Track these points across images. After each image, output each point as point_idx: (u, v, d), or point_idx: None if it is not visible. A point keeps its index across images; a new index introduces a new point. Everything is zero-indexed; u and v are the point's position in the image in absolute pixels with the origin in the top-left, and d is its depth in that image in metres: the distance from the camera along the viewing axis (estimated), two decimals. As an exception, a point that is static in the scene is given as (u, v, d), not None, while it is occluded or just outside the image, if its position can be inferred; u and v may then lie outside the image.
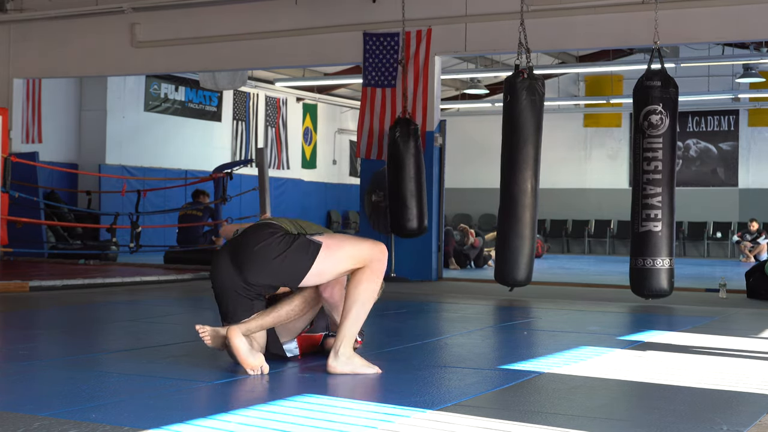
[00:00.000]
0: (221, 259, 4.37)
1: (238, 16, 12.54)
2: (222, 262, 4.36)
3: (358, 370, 4.20)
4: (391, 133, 10.74)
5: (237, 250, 4.33)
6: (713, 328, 6.60)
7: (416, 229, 10.68)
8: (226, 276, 4.32)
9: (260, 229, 4.33)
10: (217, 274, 4.36)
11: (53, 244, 13.76)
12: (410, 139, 10.61)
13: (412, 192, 10.59)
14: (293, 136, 21.78)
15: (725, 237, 21.65)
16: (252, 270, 4.25)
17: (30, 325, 6.56)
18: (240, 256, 4.29)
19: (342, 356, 4.16)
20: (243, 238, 4.36)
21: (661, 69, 8.57)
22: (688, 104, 20.93)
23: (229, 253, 4.35)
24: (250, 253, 4.25)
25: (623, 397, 4.10)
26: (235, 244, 4.37)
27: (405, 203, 10.59)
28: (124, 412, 3.43)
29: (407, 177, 10.59)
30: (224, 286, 4.35)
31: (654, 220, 8.43)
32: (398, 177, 10.62)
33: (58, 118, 16.45)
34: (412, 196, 10.58)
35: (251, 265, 4.25)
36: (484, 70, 19.23)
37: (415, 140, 10.63)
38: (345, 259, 4.18)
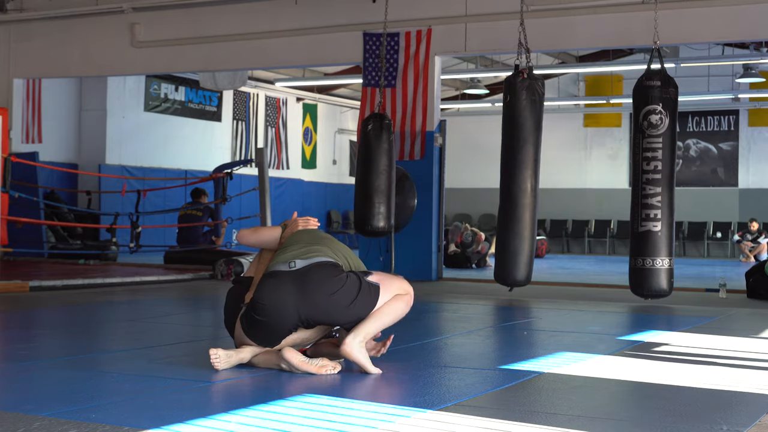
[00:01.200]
0: (285, 293, 4.33)
1: (238, 16, 12.54)
2: (286, 297, 4.33)
3: (364, 361, 4.31)
4: (363, 127, 10.37)
5: (306, 290, 4.34)
6: (713, 328, 6.60)
7: (383, 228, 10.09)
8: (284, 311, 4.32)
9: (327, 270, 4.40)
10: (276, 307, 4.32)
11: (53, 244, 13.76)
12: (382, 133, 10.07)
13: (381, 189, 10.03)
14: (293, 136, 21.78)
15: (725, 237, 21.64)
16: (319, 313, 4.35)
17: (30, 325, 6.56)
18: (310, 298, 4.32)
19: (357, 342, 4.30)
20: (311, 278, 4.35)
21: (661, 69, 8.57)
22: (688, 104, 20.92)
23: (296, 290, 4.33)
24: (322, 296, 4.33)
25: (623, 397, 4.10)
26: (302, 282, 4.35)
27: (372, 200, 10.01)
28: (124, 412, 3.43)
29: (377, 173, 10.03)
30: (279, 319, 4.34)
31: (654, 220, 8.43)
32: (367, 172, 10.07)
33: (58, 118, 16.45)
34: (380, 193, 10.01)
35: (320, 309, 4.34)
36: (484, 70, 19.22)
37: (387, 135, 10.10)
38: (389, 310, 4.45)
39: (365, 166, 10.14)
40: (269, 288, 4.35)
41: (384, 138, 10.08)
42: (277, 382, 4.10)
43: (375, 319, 4.39)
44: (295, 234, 4.71)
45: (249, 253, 11.99)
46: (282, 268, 4.41)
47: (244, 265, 10.76)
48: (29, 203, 12.80)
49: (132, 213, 13.33)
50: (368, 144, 10.12)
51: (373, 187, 10.03)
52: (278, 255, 4.55)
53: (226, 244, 14.00)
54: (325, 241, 4.63)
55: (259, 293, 4.36)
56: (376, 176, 10.04)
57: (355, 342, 4.30)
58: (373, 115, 10.25)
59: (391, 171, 10.17)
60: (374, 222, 10.06)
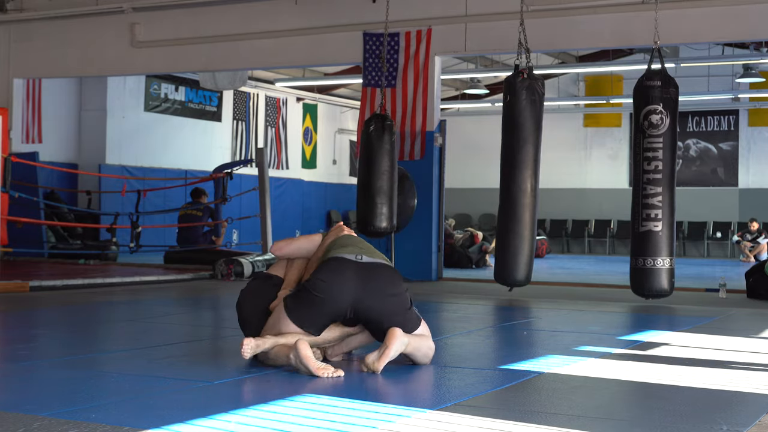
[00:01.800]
0: (348, 279, 4.44)
1: (238, 16, 12.54)
2: (349, 283, 4.43)
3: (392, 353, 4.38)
4: (364, 128, 10.41)
5: (370, 283, 4.45)
6: (713, 328, 6.60)
7: (386, 228, 10.16)
8: (342, 294, 4.41)
9: (393, 274, 4.57)
10: (337, 288, 4.41)
11: (53, 244, 13.76)
12: (384, 134, 10.10)
13: (383, 189, 10.09)
14: (293, 136, 21.78)
15: (725, 237, 21.64)
16: (373, 309, 4.44)
17: (30, 325, 6.56)
18: (371, 291, 4.44)
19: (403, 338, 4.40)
20: (378, 274, 4.49)
21: (661, 69, 8.57)
22: (688, 104, 20.92)
23: (359, 280, 4.44)
24: (383, 294, 4.47)
25: (623, 397, 4.10)
26: (368, 275, 4.46)
27: (374, 200, 10.08)
28: (124, 412, 3.43)
29: (379, 173, 10.08)
30: (334, 301, 4.41)
31: (654, 219, 8.43)
32: (369, 173, 10.12)
33: (58, 118, 16.45)
34: (383, 194, 10.07)
35: (376, 305, 4.44)
36: (484, 70, 19.23)
37: (389, 136, 10.13)
38: (424, 341, 4.57)
39: (367, 167, 10.15)
40: (335, 269, 4.45)
41: (386, 139, 10.10)
42: (277, 382, 4.10)
43: (418, 339, 4.51)
44: (345, 237, 4.78)
45: (249, 253, 11.99)
46: (349, 257, 4.51)
47: (244, 265, 10.75)
48: (29, 203, 12.80)
49: (132, 213, 13.33)
50: (370, 145, 10.13)
51: (375, 188, 10.05)
52: (335, 249, 4.61)
53: (226, 244, 14.01)
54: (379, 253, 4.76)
55: (324, 273, 4.44)
56: (378, 177, 10.07)
57: (403, 337, 4.39)
58: (374, 116, 10.26)
59: (393, 171, 10.20)
60: (377, 222, 10.10)
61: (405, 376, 4.35)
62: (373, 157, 10.09)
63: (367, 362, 4.33)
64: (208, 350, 5.28)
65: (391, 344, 4.34)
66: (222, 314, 7.87)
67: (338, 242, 4.71)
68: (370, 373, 4.32)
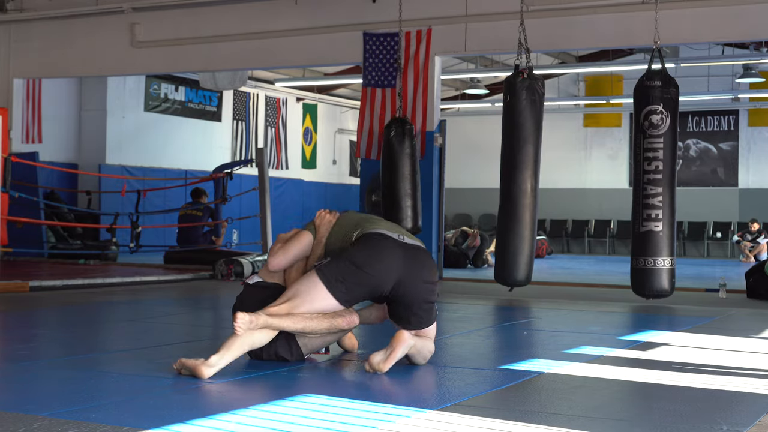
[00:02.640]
0: (396, 259, 4.42)
1: (238, 16, 12.54)
2: (396, 263, 4.41)
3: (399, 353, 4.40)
4: (385, 132, 10.64)
5: (414, 266, 4.45)
6: (713, 328, 6.60)
7: (411, 228, 10.60)
8: (388, 281, 4.40)
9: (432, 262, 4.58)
10: (387, 275, 4.39)
11: (53, 244, 13.76)
12: (405, 138, 10.52)
13: (407, 192, 10.51)
14: (293, 136, 21.78)
15: (725, 237, 21.64)
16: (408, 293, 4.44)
17: (30, 325, 6.56)
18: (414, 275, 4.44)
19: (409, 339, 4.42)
20: (423, 259, 4.50)
21: (661, 69, 8.57)
22: (688, 104, 20.91)
23: (404, 261, 4.43)
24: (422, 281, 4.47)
25: (623, 397, 4.10)
26: (413, 258, 4.46)
27: (399, 203, 10.52)
28: (124, 412, 3.43)
29: (402, 177, 10.52)
30: (381, 285, 4.40)
31: (655, 220, 8.43)
32: (393, 177, 10.55)
33: (58, 118, 16.44)
34: (407, 196, 10.50)
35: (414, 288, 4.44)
36: (484, 70, 19.22)
37: (410, 140, 10.56)
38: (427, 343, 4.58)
39: (390, 172, 10.53)
40: (385, 248, 4.41)
41: (407, 143, 10.51)
42: (277, 382, 4.10)
43: (422, 341, 4.52)
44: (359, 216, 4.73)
45: (249, 253, 11.99)
46: (392, 235, 4.49)
47: (244, 265, 10.75)
48: (29, 203, 12.80)
49: (132, 213, 13.33)
50: (392, 149, 10.50)
51: (400, 192, 10.47)
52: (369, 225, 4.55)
53: (226, 244, 14.00)
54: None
55: (373, 249, 4.40)
56: (401, 180, 10.47)
57: (410, 339, 4.40)
58: (394, 120, 10.59)
59: (416, 174, 10.60)
60: (402, 224, 10.45)
61: (405, 376, 4.35)
62: (396, 161, 10.48)
63: (372, 363, 4.32)
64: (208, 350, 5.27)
65: (398, 347, 4.33)
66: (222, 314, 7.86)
67: (360, 222, 4.62)
68: (370, 374, 4.32)
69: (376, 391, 4.02)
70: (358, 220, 4.67)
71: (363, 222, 4.62)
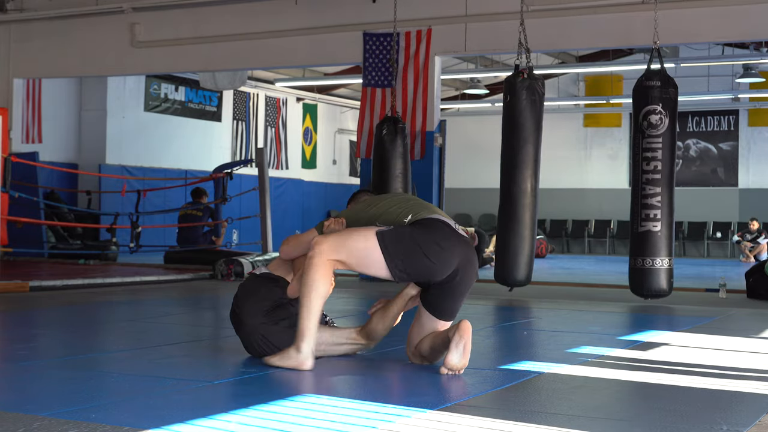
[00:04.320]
0: (458, 255, 4.42)
1: (238, 16, 12.54)
2: (456, 261, 4.41)
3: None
4: (377, 131, 10.53)
5: (467, 263, 4.48)
6: (713, 328, 6.60)
7: None
8: (445, 273, 4.40)
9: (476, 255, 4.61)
10: (448, 267, 4.39)
11: (53, 244, 13.76)
12: (397, 137, 10.31)
13: (398, 191, 10.30)
14: (293, 136, 21.78)
15: (725, 237, 21.64)
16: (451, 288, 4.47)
17: (30, 325, 6.56)
18: (462, 275, 4.47)
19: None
20: (472, 252, 4.53)
21: (660, 69, 8.57)
22: (688, 104, 20.92)
23: (463, 259, 4.44)
24: (470, 277, 4.53)
25: (623, 397, 4.10)
26: (466, 254, 4.47)
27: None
28: (124, 412, 3.43)
29: (393, 176, 10.30)
30: (437, 275, 4.39)
31: (653, 220, 8.43)
32: (384, 176, 10.32)
33: (58, 118, 16.45)
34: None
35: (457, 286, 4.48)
36: (484, 70, 19.23)
37: (402, 138, 10.34)
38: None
39: (381, 171, 10.35)
40: (448, 237, 4.38)
41: (399, 142, 10.32)
42: (277, 382, 4.10)
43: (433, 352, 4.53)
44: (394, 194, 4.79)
45: (249, 253, 11.99)
46: (451, 224, 4.47)
47: (244, 265, 10.75)
48: (29, 203, 12.80)
49: (132, 213, 13.33)
50: (383, 147, 10.28)
51: (390, 191, 10.13)
52: (423, 210, 4.50)
53: (226, 244, 14.00)
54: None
55: (439, 237, 4.35)
56: (393, 179, 10.27)
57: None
58: (387, 119, 10.43)
59: (407, 173, 10.41)
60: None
61: (405, 376, 4.35)
62: (387, 160, 10.30)
63: (453, 366, 4.25)
64: (208, 350, 5.28)
65: (468, 337, 4.30)
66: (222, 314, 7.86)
67: (411, 205, 4.55)
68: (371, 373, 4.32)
69: (376, 391, 4.02)
70: (406, 202, 4.59)
71: (414, 205, 4.55)
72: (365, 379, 4.23)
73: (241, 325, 4.61)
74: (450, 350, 4.26)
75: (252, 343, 4.56)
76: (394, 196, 4.76)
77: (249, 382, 4.13)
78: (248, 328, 4.55)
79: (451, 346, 4.27)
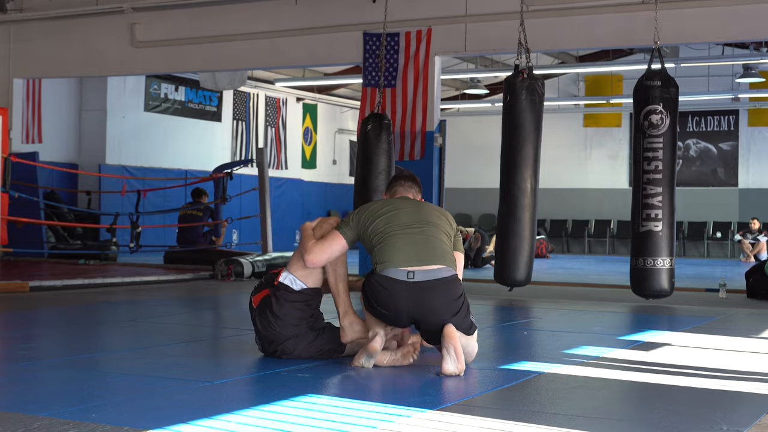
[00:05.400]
0: (402, 304, 4.52)
1: (238, 16, 12.53)
2: (404, 308, 4.53)
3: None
4: (362, 127, 10.31)
5: (422, 306, 4.52)
6: (713, 328, 6.60)
7: None
8: (399, 320, 4.61)
9: (447, 292, 4.54)
10: (396, 318, 4.57)
11: (53, 244, 13.76)
12: (382, 132, 9.96)
13: (380, 189, 9.83)
14: (293, 136, 21.78)
15: (725, 237, 21.64)
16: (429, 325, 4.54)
17: (30, 325, 6.56)
18: (426, 316, 4.53)
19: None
20: (428, 297, 4.49)
21: (661, 69, 8.57)
22: (688, 104, 20.91)
23: (413, 305, 4.52)
24: (438, 314, 4.53)
25: (623, 397, 4.10)
26: (419, 300, 4.50)
27: (372, 199, 9.71)
28: (124, 412, 3.43)
29: (375, 172, 9.93)
30: (395, 322, 4.61)
31: (654, 220, 8.43)
32: (366, 172, 9.98)
33: (58, 118, 16.44)
34: (380, 193, 9.79)
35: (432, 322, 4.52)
36: (484, 70, 19.22)
37: (386, 135, 10.01)
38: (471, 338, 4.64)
39: (364, 167, 10.04)
40: (390, 293, 4.46)
41: (383, 138, 10.01)
42: (277, 382, 4.10)
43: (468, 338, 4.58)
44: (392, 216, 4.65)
45: (249, 253, 11.99)
46: (400, 277, 4.45)
47: (244, 265, 10.75)
48: (29, 203, 12.80)
49: (132, 213, 13.32)
50: (368, 144, 10.05)
51: (372, 188, 9.93)
52: (388, 252, 4.51)
53: (226, 244, 14.00)
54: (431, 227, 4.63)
55: (379, 295, 4.47)
56: (375, 176, 9.95)
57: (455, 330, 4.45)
58: (372, 115, 10.19)
59: (391, 171, 10.08)
60: None
61: (405, 376, 4.35)
62: (371, 156, 9.95)
63: (448, 373, 4.28)
64: (208, 350, 5.28)
65: (455, 341, 4.32)
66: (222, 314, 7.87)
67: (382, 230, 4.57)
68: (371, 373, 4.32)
69: (376, 391, 4.02)
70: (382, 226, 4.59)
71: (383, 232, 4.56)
72: (365, 379, 4.23)
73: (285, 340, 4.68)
74: (443, 358, 4.30)
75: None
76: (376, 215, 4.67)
77: (249, 382, 4.13)
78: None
79: (443, 353, 4.32)
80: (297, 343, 4.59)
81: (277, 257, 11.47)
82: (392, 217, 4.60)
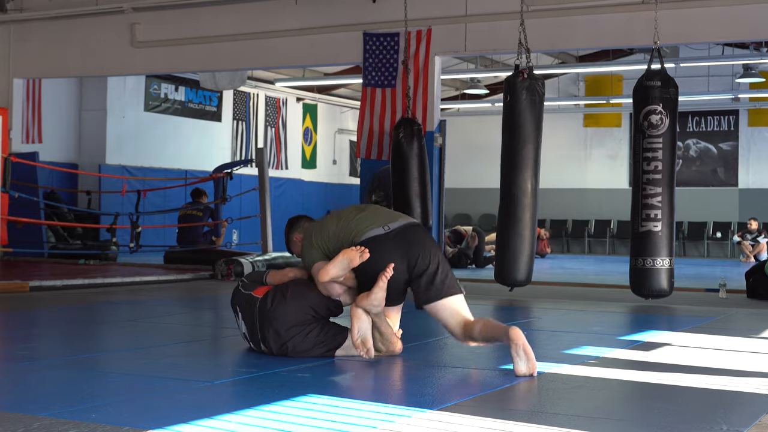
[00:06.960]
0: (396, 256, 4.71)
1: (238, 16, 12.53)
2: (400, 262, 4.73)
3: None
4: (394, 133, 10.62)
5: (413, 250, 4.76)
6: (713, 328, 6.60)
7: None
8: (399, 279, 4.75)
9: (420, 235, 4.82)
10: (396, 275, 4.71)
11: (53, 244, 13.76)
12: (414, 139, 10.48)
13: (417, 192, 10.44)
14: (293, 136, 21.78)
15: (725, 237, 21.64)
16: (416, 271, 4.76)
17: (30, 325, 6.56)
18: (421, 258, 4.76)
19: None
20: (408, 238, 4.76)
21: (661, 69, 8.57)
22: (688, 104, 20.91)
23: (404, 253, 4.72)
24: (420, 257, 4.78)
25: (623, 397, 4.10)
26: (408, 246, 4.75)
27: (409, 204, 10.42)
28: (124, 412, 3.43)
29: (411, 178, 10.44)
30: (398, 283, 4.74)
31: (654, 220, 8.43)
32: (402, 178, 10.47)
33: (58, 118, 16.44)
34: (416, 197, 10.43)
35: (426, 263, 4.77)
36: (484, 70, 19.22)
37: (418, 140, 10.51)
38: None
39: (400, 173, 10.44)
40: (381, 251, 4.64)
41: (415, 144, 10.42)
42: (277, 382, 4.10)
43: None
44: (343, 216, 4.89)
45: (249, 253, 11.99)
46: (377, 233, 4.71)
47: (244, 265, 10.75)
48: (29, 203, 12.80)
49: (132, 213, 13.33)
50: (401, 150, 10.42)
51: (410, 193, 10.39)
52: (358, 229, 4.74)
53: (226, 244, 14.00)
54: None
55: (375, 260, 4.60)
56: (411, 181, 10.40)
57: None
58: (403, 121, 10.52)
59: (424, 175, 10.53)
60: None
61: (405, 376, 4.35)
62: (405, 162, 10.40)
63: (522, 373, 4.32)
64: (208, 350, 5.28)
65: (524, 341, 4.38)
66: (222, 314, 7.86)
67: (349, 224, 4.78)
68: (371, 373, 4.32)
69: (376, 391, 4.03)
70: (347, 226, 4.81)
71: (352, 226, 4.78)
72: (365, 379, 4.23)
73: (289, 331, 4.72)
74: (514, 361, 4.34)
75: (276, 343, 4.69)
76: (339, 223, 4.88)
77: (249, 382, 4.13)
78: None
79: (512, 355, 4.36)
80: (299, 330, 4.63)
81: (277, 257, 11.47)
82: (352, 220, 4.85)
